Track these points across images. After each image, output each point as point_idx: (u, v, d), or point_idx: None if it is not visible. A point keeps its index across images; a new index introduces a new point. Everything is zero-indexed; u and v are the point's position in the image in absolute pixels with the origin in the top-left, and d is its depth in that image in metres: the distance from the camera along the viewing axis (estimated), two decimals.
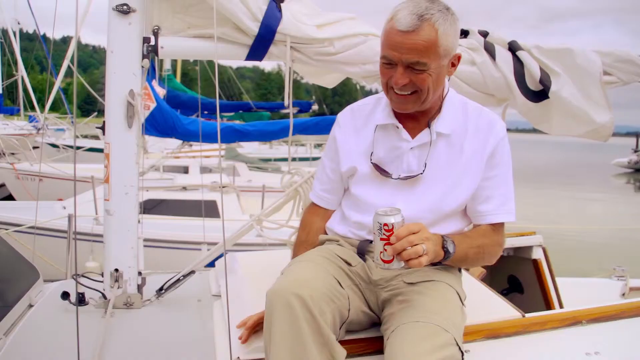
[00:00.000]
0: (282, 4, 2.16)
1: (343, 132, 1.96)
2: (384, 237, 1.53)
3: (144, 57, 2.08)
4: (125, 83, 2.05)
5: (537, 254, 3.31)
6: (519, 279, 3.47)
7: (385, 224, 1.52)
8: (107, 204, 2.10)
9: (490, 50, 2.42)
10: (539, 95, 2.40)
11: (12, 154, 12.16)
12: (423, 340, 1.50)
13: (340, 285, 1.70)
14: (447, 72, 1.75)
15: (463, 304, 1.79)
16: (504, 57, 2.41)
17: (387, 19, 1.68)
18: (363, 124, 1.93)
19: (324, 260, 1.77)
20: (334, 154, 1.98)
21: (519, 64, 2.40)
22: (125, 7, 2.00)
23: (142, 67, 2.09)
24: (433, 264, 1.71)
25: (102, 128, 2.10)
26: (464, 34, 2.50)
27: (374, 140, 1.87)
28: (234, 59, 2.23)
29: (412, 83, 1.69)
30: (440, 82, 1.74)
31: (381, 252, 1.54)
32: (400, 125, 1.83)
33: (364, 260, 1.85)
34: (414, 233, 1.52)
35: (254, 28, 2.12)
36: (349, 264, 1.82)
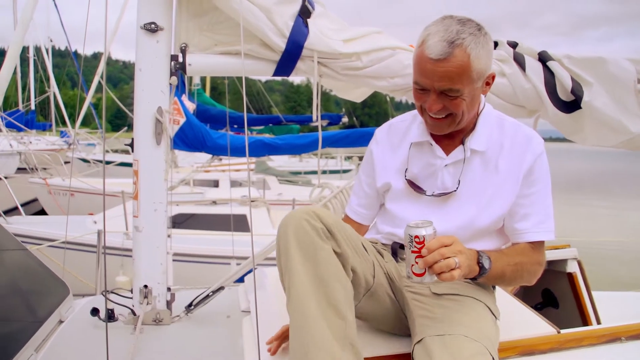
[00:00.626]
0: (308, 20, 2.16)
1: (380, 148, 1.97)
2: (415, 249, 1.49)
3: (171, 74, 2.10)
4: (153, 100, 2.07)
5: (572, 268, 3.23)
6: (553, 293, 3.39)
7: (417, 236, 1.49)
8: (136, 220, 2.11)
9: (520, 61, 2.39)
10: (571, 105, 2.36)
11: (44, 169, 12.36)
12: (450, 356, 1.47)
13: (367, 252, 1.71)
14: (481, 92, 1.72)
15: (496, 318, 1.75)
16: (534, 68, 2.38)
17: (418, 42, 1.66)
18: (399, 140, 1.93)
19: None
20: (370, 169, 1.99)
21: (549, 75, 2.36)
22: (153, 25, 2.02)
23: (170, 84, 2.10)
24: (467, 280, 1.68)
25: (131, 145, 2.11)
26: (493, 45, 2.47)
27: (409, 157, 1.87)
28: (262, 75, 2.24)
29: (446, 108, 1.67)
30: (475, 104, 1.72)
31: (412, 265, 1.50)
32: (434, 143, 1.83)
33: (396, 261, 1.87)
34: (446, 246, 1.48)
35: (281, 44, 2.12)
36: (381, 256, 1.85)
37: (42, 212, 10.73)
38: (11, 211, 7.08)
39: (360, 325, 1.84)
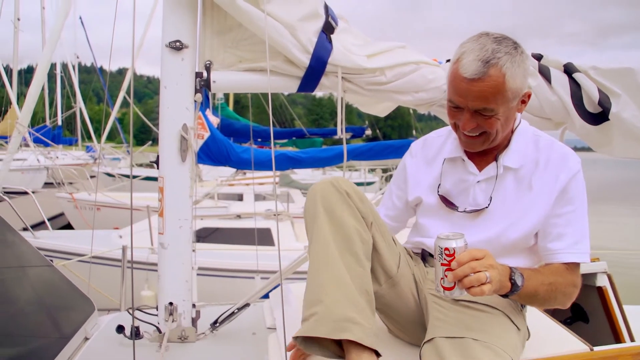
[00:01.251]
0: (332, 35, 2.16)
1: (414, 162, 1.97)
2: (445, 262, 1.46)
3: (196, 91, 2.11)
4: (178, 117, 2.08)
5: (602, 281, 3.17)
6: (583, 307, 3.33)
7: (447, 248, 1.46)
8: (162, 237, 2.12)
9: (545, 73, 2.36)
10: (599, 117, 2.32)
11: (71, 183, 12.52)
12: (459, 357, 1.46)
13: (395, 244, 1.76)
14: (516, 110, 1.70)
15: (518, 329, 1.71)
16: (560, 80, 2.34)
17: (453, 59, 1.65)
18: (434, 155, 1.92)
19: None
20: (402, 182, 1.99)
21: (576, 87, 2.33)
22: (178, 43, 2.04)
23: (195, 101, 2.11)
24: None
25: (156, 162, 2.13)
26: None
27: (442, 173, 1.86)
28: (286, 91, 2.24)
29: (480, 126, 1.66)
30: (509, 122, 1.70)
31: (442, 278, 1.47)
32: (466, 159, 1.81)
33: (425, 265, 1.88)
34: (477, 259, 1.45)
35: (305, 60, 2.12)
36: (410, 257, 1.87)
37: (68, 226, 10.86)
38: (38, 225, 7.16)
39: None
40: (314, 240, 1.63)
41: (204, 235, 6.72)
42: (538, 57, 2.41)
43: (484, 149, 1.74)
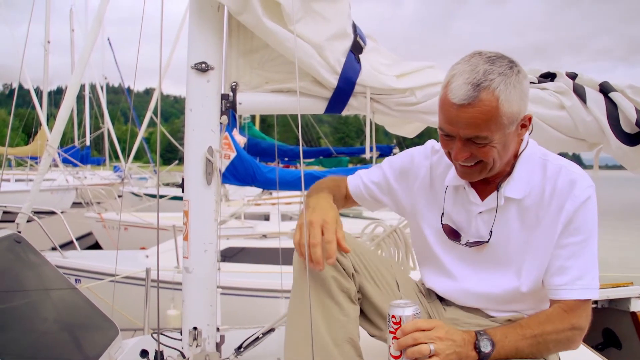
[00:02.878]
0: (360, 55, 2.12)
1: (422, 181, 1.87)
2: (392, 330, 1.44)
3: (222, 113, 2.08)
4: (204, 140, 2.05)
5: (635, 306, 3.07)
6: (615, 332, 3.23)
7: (393, 316, 1.43)
8: (186, 261, 2.08)
9: (580, 92, 2.28)
10: (636, 138, 2.24)
11: (99, 203, 12.66)
12: None
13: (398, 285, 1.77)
14: (516, 135, 1.55)
15: None
16: (596, 100, 2.26)
17: (443, 84, 1.53)
18: (441, 176, 1.80)
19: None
20: (406, 187, 1.90)
21: (612, 106, 2.25)
22: (203, 65, 2.01)
23: (221, 123, 2.08)
24: None
25: (182, 185, 2.10)
26: (551, 76, 2.38)
27: (445, 200, 1.74)
28: (313, 112, 2.20)
29: (474, 156, 1.52)
30: (508, 149, 1.55)
31: (390, 345, 1.45)
32: (467, 187, 1.68)
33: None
34: (422, 330, 1.39)
35: (333, 81, 2.08)
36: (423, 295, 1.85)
37: (96, 245, 10.96)
38: (67, 245, 7.25)
39: None
40: (292, 293, 1.66)
41: (230, 255, 6.71)
42: (572, 76, 2.34)
43: (482, 177, 1.61)
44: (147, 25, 2.18)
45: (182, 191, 2.09)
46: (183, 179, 2.09)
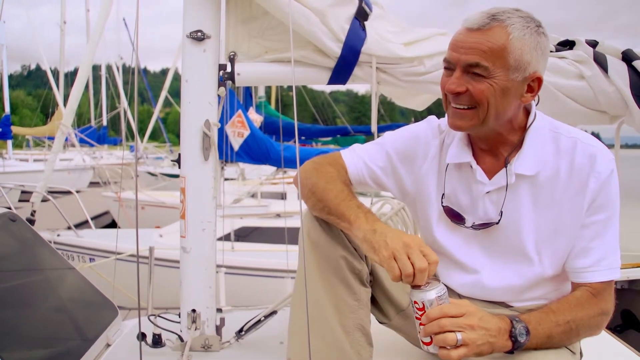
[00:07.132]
0: (365, 22, 2.01)
1: (407, 166, 1.66)
2: (417, 316, 1.29)
3: (220, 85, 1.98)
4: (200, 113, 1.96)
5: None
6: (635, 314, 3.12)
7: (415, 302, 1.29)
8: (183, 241, 2.00)
9: (601, 61, 2.14)
10: None
11: (115, 182, 12.74)
12: None
13: None
14: (519, 94, 1.41)
15: (572, 352, 1.49)
16: (618, 69, 2.12)
17: None
18: (432, 155, 1.62)
19: None
20: (409, 168, 1.65)
21: (635, 76, 2.11)
22: (199, 33, 1.91)
23: (219, 95, 1.98)
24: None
25: (178, 160, 2.01)
26: (570, 44, 2.23)
27: (446, 180, 1.57)
28: (315, 83, 2.10)
29: (469, 95, 1.37)
30: (506, 101, 1.39)
31: (418, 332, 1.31)
32: (474, 164, 1.52)
33: None
34: (450, 316, 1.26)
35: (337, 49, 1.97)
36: None
37: (113, 223, 11.04)
38: (83, 224, 7.28)
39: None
40: (298, 275, 1.54)
41: (244, 235, 6.67)
42: (593, 44, 2.20)
43: (472, 130, 1.45)
44: (163, 5, 2.08)
45: (179, 167, 2.00)
46: (179, 155, 2.00)
